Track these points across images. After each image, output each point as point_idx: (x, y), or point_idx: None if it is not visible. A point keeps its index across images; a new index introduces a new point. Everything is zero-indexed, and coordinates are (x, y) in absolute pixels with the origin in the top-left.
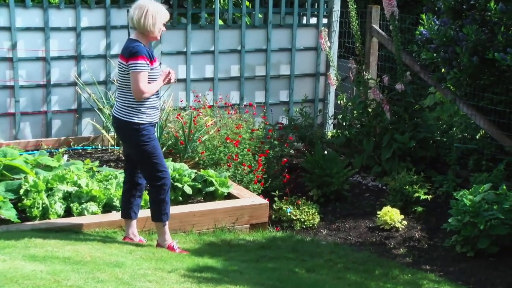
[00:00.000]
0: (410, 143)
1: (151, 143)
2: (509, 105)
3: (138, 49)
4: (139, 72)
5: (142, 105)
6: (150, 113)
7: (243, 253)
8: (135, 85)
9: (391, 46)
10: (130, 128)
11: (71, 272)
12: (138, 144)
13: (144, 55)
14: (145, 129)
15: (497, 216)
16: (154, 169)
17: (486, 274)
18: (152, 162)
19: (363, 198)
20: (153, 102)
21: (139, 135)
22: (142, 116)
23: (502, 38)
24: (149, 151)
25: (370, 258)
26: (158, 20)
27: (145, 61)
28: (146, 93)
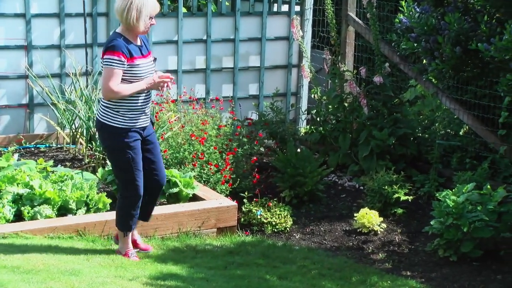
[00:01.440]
0: (389, 140)
1: (126, 151)
2: (493, 99)
3: (114, 44)
4: (110, 69)
5: (121, 106)
6: (131, 116)
7: (209, 259)
8: (103, 82)
9: (368, 35)
10: (105, 131)
11: (21, 283)
12: (111, 149)
13: (120, 50)
14: (122, 134)
15: (481, 218)
16: (125, 181)
17: (470, 279)
18: (124, 172)
19: (339, 199)
20: (135, 104)
21: (114, 139)
22: (120, 119)
23: (486, 28)
24: (122, 160)
25: (347, 264)
26: (143, 13)
27: (120, 57)
28: (116, 93)
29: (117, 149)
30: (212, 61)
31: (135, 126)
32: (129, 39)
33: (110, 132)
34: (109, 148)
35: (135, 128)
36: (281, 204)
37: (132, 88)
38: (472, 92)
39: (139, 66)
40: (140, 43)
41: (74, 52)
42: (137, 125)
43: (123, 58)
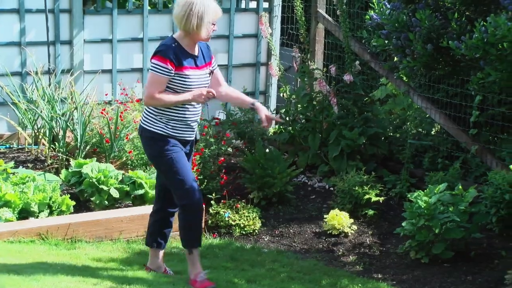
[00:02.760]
0: (360, 139)
1: (166, 153)
2: (465, 98)
3: (161, 49)
4: (153, 75)
5: (164, 115)
6: (173, 125)
7: (176, 262)
8: (146, 87)
9: (338, 32)
10: (145, 136)
11: None
12: (152, 157)
13: (168, 57)
14: (160, 140)
15: (453, 219)
16: (176, 188)
17: (440, 281)
18: (172, 178)
19: (308, 200)
20: (181, 115)
21: (153, 146)
22: (161, 126)
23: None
24: (165, 165)
25: (317, 266)
26: (205, 20)
27: (167, 64)
28: (157, 99)
29: (157, 155)
30: None
31: (177, 136)
32: (184, 46)
33: (148, 137)
34: (150, 156)
35: (176, 138)
36: (249, 205)
37: (176, 98)
38: (444, 90)
39: (188, 77)
40: (197, 53)
41: (36, 50)
42: (179, 136)
43: (169, 66)
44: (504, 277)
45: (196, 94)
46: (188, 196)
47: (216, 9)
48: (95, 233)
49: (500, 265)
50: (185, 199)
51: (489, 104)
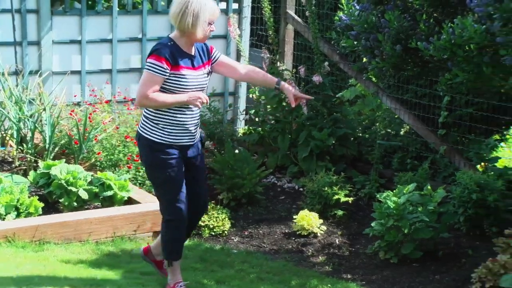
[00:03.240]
0: (329, 140)
1: (164, 168)
2: (433, 98)
3: (157, 48)
4: (148, 74)
5: (161, 118)
6: (171, 131)
7: (145, 264)
8: (139, 86)
9: (308, 33)
10: (142, 143)
11: None
12: (147, 165)
13: (164, 56)
14: (159, 150)
15: (422, 219)
16: (165, 201)
17: (409, 281)
18: (163, 192)
19: (278, 201)
20: (178, 118)
21: (150, 155)
22: (159, 133)
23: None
24: (159, 178)
25: (286, 267)
26: (201, 18)
27: (162, 63)
28: (150, 99)
29: (153, 166)
30: None
31: (175, 142)
32: (180, 46)
33: (146, 145)
34: (145, 163)
35: (175, 144)
36: (219, 206)
37: (171, 99)
38: (413, 91)
39: (185, 77)
40: (193, 53)
41: (2, 51)
42: (178, 142)
43: (165, 65)
44: (470, 275)
45: (193, 97)
46: (175, 213)
47: (214, 8)
48: (63, 235)
49: (467, 264)
50: (171, 215)
51: (457, 104)
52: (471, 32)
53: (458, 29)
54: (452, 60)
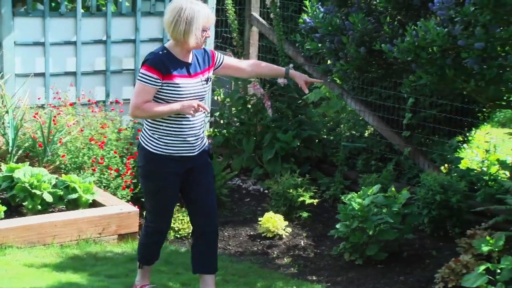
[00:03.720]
0: (294, 142)
1: (155, 180)
2: (397, 100)
3: (149, 57)
4: (139, 84)
5: (157, 129)
6: (167, 142)
7: (110, 266)
8: (132, 97)
9: (272, 36)
10: (140, 152)
11: None
12: (140, 173)
13: (154, 67)
14: (154, 160)
15: (386, 220)
16: (148, 209)
17: (374, 282)
18: (149, 200)
19: (243, 203)
20: (175, 129)
21: (145, 164)
22: (155, 144)
23: (388, 29)
24: (149, 187)
25: (251, 269)
26: (193, 26)
27: (152, 74)
28: (142, 110)
29: (146, 175)
30: (112, 62)
31: (172, 154)
32: (175, 54)
33: (142, 154)
34: (139, 171)
35: (171, 156)
36: (183, 209)
37: (164, 109)
38: (377, 93)
39: (178, 85)
40: (190, 60)
41: None
42: (175, 153)
43: (155, 75)
44: (434, 276)
45: (186, 105)
46: (157, 223)
47: (207, 14)
48: (27, 239)
49: (431, 265)
50: (152, 223)
51: (421, 106)
52: (434, 34)
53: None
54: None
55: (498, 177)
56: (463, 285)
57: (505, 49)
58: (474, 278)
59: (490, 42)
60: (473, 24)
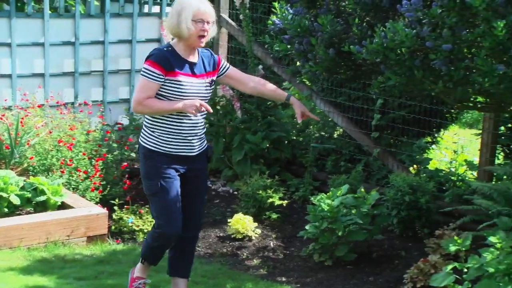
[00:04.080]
0: (263, 143)
1: (156, 178)
2: (366, 101)
3: (153, 53)
4: (142, 79)
5: (157, 127)
6: (167, 140)
7: (79, 269)
8: (134, 92)
9: (242, 37)
10: (140, 152)
11: None
12: (142, 174)
13: (158, 62)
14: (153, 158)
15: (356, 221)
16: (156, 211)
17: (343, 283)
18: (154, 202)
19: (212, 205)
20: (175, 127)
21: (145, 164)
22: (155, 141)
23: (357, 30)
24: (152, 188)
25: (221, 270)
26: (183, 16)
27: (155, 69)
28: (144, 106)
29: (147, 175)
30: (81, 64)
31: (171, 152)
32: (178, 52)
33: (142, 153)
34: (141, 172)
35: (170, 154)
36: None
37: (165, 106)
38: (346, 94)
39: (181, 83)
40: (196, 60)
41: None
42: (174, 152)
43: (158, 71)
44: (403, 276)
45: (188, 104)
46: (163, 226)
47: (197, 5)
48: None
49: (400, 265)
50: (159, 227)
51: (390, 107)
52: (402, 36)
53: (390, 33)
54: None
55: (465, 178)
56: (431, 284)
57: (471, 51)
58: (441, 278)
59: (457, 44)
60: (441, 26)
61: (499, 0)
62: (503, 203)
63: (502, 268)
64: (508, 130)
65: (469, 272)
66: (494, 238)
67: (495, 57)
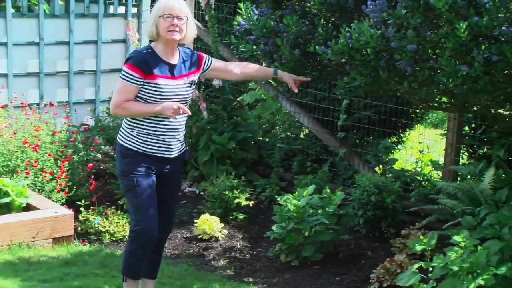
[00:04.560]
0: (230, 144)
1: (132, 175)
2: (332, 102)
3: (132, 55)
4: (121, 82)
5: (136, 127)
6: (145, 140)
7: (44, 271)
8: (113, 95)
9: (207, 37)
10: (117, 151)
11: None
12: (118, 173)
13: (136, 65)
14: (129, 156)
15: (322, 221)
16: (132, 211)
17: (310, 283)
18: (130, 200)
19: (179, 206)
20: (154, 129)
21: (121, 162)
22: (133, 140)
23: (323, 31)
24: (127, 185)
25: (188, 271)
26: (152, 14)
27: (134, 72)
28: (122, 109)
29: (123, 172)
30: (46, 64)
31: (148, 152)
32: (158, 53)
33: (119, 152)
34: (117, 170)
35: (147, 154)
36: (119, 212)
37: (144, 109)
38: (312, 94)
39: (160, 86)
40: (176, 62)
41: None
42: (151, 153)
43: (137, 74)
44: (369, 276)
45: (166, 107)
46: (139, 225)
47: (166, 1)
48: None
49: (366, 265)
50: (135, 227)
51: (356, 108)
52: (367, 36)
53: (355, 33)
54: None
55: (431, 178)
56: (397, 284)
57: (435, 51)
58: (407, 277)
59: (421, 44)
60: (405, 27)
61: (461, 2)
62: (467, 202)
63: (466, 267)
64: (472, 130)
65: (434, 271)
66: (458, 237)
67: (459, 58)
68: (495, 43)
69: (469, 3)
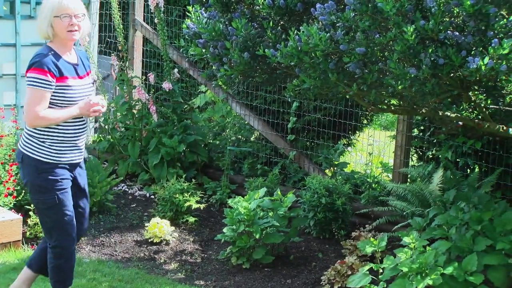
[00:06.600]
0: (180, 147)
1: (52, 192)
2: (282, 104)
3: (36, 60)
4: (34, 90)
5: (48, 136)
6: (58, 149)
7: None
8: (27, 106)
9: (157, 40)
10: (27, 164)
11: None
12: (32, 187)
13: (47, 68)
14: (46, 171)
15: (273, 224)
16: (51, 228)
17: (262, 286)
18: (49, 217)
19: (129, 209)
20: (65, 135)
21: (37, 176)
22: (46, 152)
23: (272, 34)
24: (46, 202)
25: (139, 275)
26: (43, 14)
27: (47, 76)
28: (42, 118)
29: (41, 189)
30: None
31: (65, 161)
32: (59, 53)
33: (32, 166)
34: (30, 186)
35: (63, 163)
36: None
37: (62, 114)
38: (262, 97)
39: (71, 88)
40: (76, 61)
41: None
42: (68, 161)
43: (50, 78)
44: (320, 278)
45: (82, 106)
46: (62, 239)
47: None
48: None
49: (317, 267)
50: (57, 241)
51: (305, 110)
52: (316, 39)
53: (304, 36)
54: (299, 67)
55: (381, 180)
56: (348, 286)
57: (384, 54)
58: (358, 279)
59: (370, 47)
60: (354, 30)
61: (408, 6)
62: (416, 203)
63: (415, 267)
64: (421, 132)
65: (385, 273)
66: (408, 238)
67: (407, 61)
68: (441, 47)
69: (416, 7)
